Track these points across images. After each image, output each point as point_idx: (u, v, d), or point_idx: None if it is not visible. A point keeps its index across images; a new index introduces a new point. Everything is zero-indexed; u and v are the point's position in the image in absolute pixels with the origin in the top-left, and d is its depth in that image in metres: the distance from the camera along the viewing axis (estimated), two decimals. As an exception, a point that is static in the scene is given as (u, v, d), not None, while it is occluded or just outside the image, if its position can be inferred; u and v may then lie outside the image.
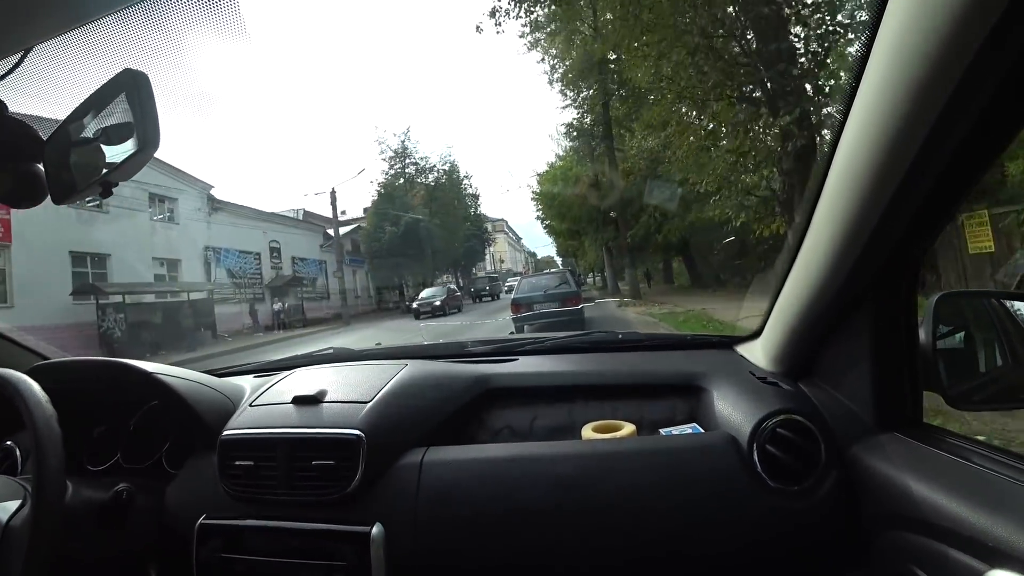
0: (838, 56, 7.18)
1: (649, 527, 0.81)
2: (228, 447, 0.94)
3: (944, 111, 0.50)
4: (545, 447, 0.91)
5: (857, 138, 0.61)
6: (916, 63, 0.49)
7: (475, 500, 0.84)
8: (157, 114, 0.58)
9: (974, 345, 0.89)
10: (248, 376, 1.28)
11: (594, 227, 19.89)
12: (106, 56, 0.63)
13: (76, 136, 0.67)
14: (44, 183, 0.69)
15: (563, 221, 22.91)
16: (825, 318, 0.84)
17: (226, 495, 0.92)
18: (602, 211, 17.56)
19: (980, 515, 0.57)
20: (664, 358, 1.22)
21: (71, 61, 0.64)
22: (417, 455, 0.89)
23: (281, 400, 1.00)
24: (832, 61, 7.33)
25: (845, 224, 0.68)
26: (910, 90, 0.51)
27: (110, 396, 1.15)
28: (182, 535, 0.93)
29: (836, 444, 0.82)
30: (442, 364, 1.17)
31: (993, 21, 0.43)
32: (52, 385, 0.84)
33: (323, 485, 0.87)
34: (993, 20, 0.43)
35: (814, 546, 0.80)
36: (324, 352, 1.45)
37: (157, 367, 1.05)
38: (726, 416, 0.92)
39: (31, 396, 0.78)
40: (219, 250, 17.77)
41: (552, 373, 1.14)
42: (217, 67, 15.09)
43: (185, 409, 1.02)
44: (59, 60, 0.63)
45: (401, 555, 0.82)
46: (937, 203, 0.63)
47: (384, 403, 0.95)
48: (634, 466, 0.84)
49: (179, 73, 0.62)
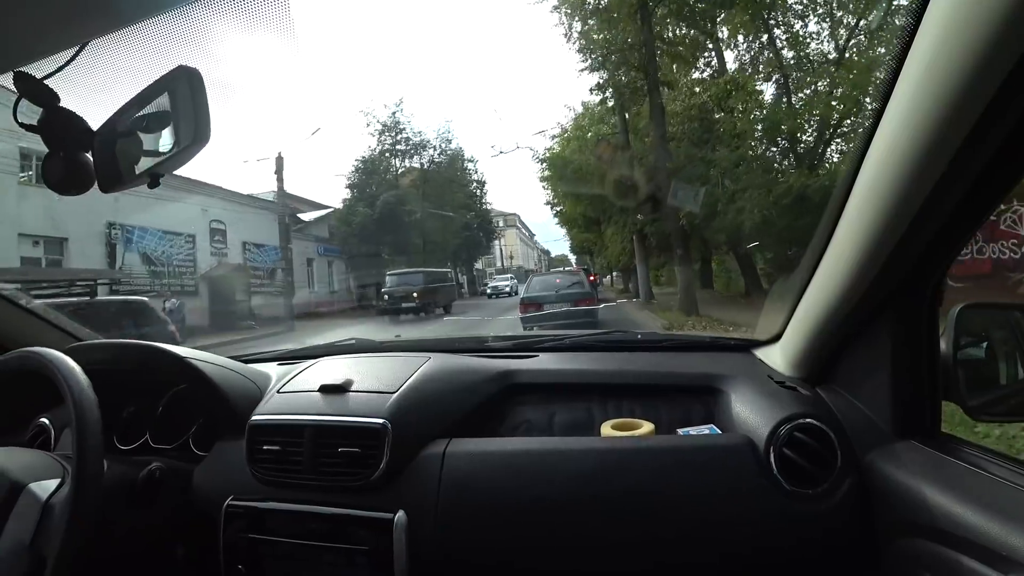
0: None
1: (664, 525, 0.82)
2: (257, 431, 0.97)
3: (978, 122, 0.50)
4: (565, 442, 0.93)
5: (887, 146, 0.61)
6: (950, 74, 0.49)
7: (495, 492, 0.86)
8: (208, 109, 0.60)
9: (995, 357, 0.89)
10: (272, 364, 1.31)
11: (621, 208, 14.48)
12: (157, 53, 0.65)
13: (125, 128, 0.69)
14: (92, 172, 0.71)
15: (579, 204, 18.04)
16: (846, 325, 0.84)
17: (253, 478, 0.95)
18: (636, 185, 12.55)
19: (996, 524, 0.58)
20: (683, 359, 1.23)
21: (124, 57, 0.66)
22: (440, 446, 0.92)
23: (308, 388, 1.03)
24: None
25: (871, 233, 0.68)
26: (943, 99, 0.51)
27: (139, 378, 1.19)
28: (209, 515, 0.96)
29: (853, 450, 0.83)
30: (464, 358, 1.19)
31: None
32: (86, 366, 0.87)
33: (348, 472, 0.89)
34: None
35: (828, 550, 0.81)
36: (347, 342, 1.48)
37: (189, 352, 1.09)
38: (744, 418, 0.93)
39: (72, 377, 0.81)
40: (131, 228, 13.59)
41: (572, 371, 1.16)
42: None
43: (214, 393, 1.05)
44: (113, 55, 0.65)
45: (422, 542, 0.85)
46: (965, 213, 0.63)
47: (409, 394, 0.97)
48: (652, 464, 0.85)
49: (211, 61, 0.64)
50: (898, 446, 0.80)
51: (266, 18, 0.59)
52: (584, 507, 0.83)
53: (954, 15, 0.47)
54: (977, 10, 0.45)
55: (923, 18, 0.50)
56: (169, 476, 0.98)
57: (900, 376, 0.81)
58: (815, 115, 8.01)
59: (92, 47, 0.65)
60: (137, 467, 0.95)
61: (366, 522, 0.86)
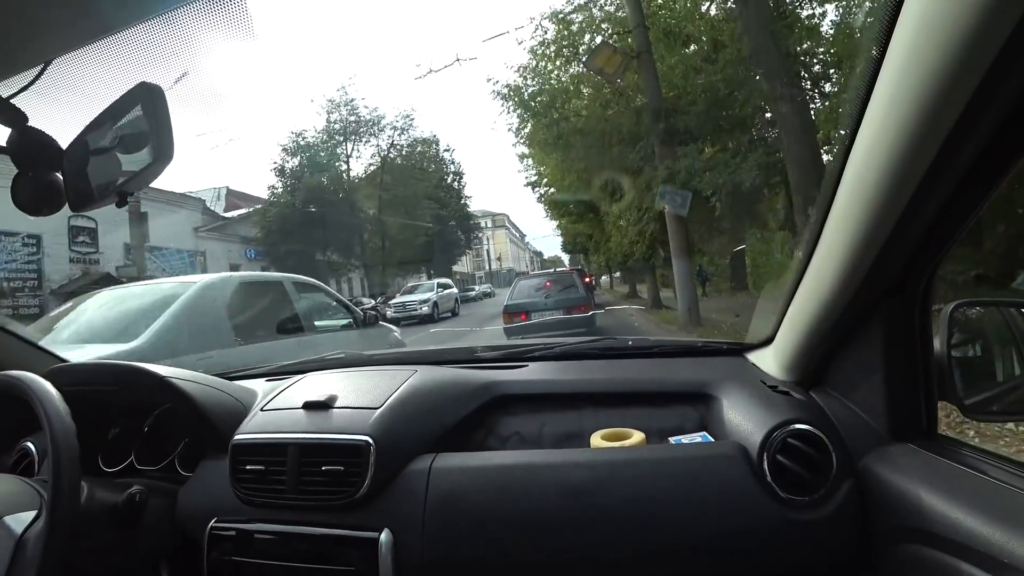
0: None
1: (658, 536, 0.80)
2: (239, 451, 0.95)
3: (962, 119, 0.49)
4: (554, 455, 0.91)
5: (872, 143, 0.60)
6: (932, 72, 0.48)
7: (483, 507, 0.84)
8: (171, 125, 0.59)
9: (991, 354, 0.87)
10: (260, 380, 1.30)
11: (641, 154, 9.24)
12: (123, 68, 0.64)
13: (94, 146, 0.68)
14: (62, 191, 0.70)
15: (568, 172, 12.68)
16: (838, 326, 0.83)
17: (237, 498, 0.93)
18: (663, 113, 8.21)
19: (995, 529, 0.56)
20: (674, 365, 1.22)
21: (89, 73, 0.65)
22: (426, 461, 0.90)
23: (292, 405, 1.01)
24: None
25: (859, 232, 0.67)
26: (927, 97, 0.50)
27: (124, 399, 1.17)
28: (194, 538, 0.94)
29: (848, 455, 0.81)
30: (451, 370, 1.17)
31: (1007, 32, 0.42)
32: (69, 387, 0.86)
33: (332, 490, 0.87)
34: (1007, 31, 0.42)
35: (824, 558, 0.79)
36: (335, 356, 1.46)
37: (170, 371, 1.07)
38: (736, 425, 0.91)
39: (49, 403, 0.80)
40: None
41: (562, 380, 1.14)
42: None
43: (197, 413, 1.03)
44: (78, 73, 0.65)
45: (409, 561, 0.83)
46: (955, 211, 0.62)
47: (393, 409, 0.96)
48: (643, 475, 0.83)
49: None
50: (894, 449, 0.78)
51: (228, 23, 0.58)
52: (574, 521, 0.81)
53: (932, 11, 0.46)
54: (955, 5, 0.44)
55: (899, 15, 0.50)
56: (152, 498, 0.96)
57: (894, 377, 0.80)
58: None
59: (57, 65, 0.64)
60: (120, 490, 0.93)
61: (351, 541, 0.84)
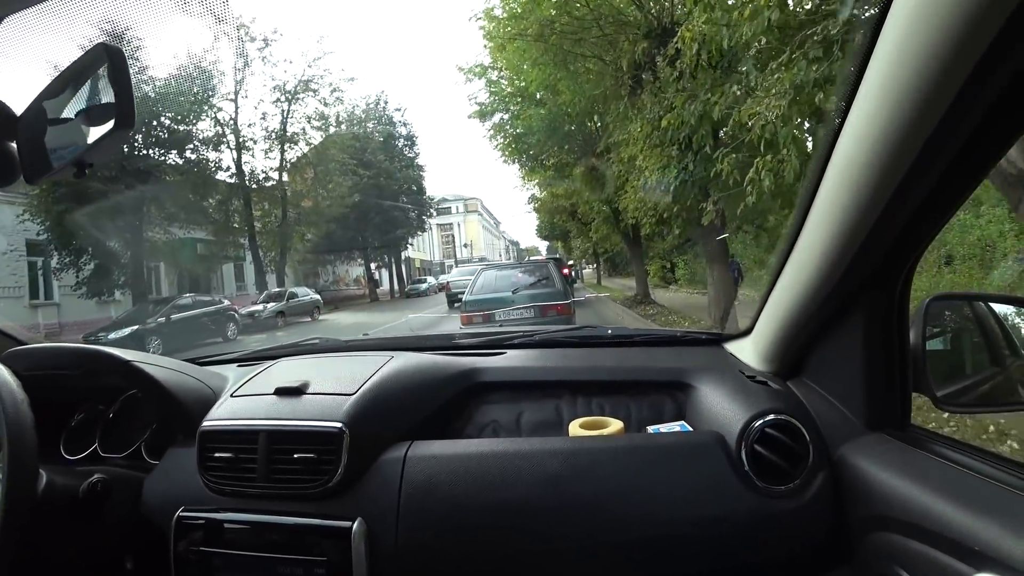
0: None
1: (635, 526, 0.80)
2: (208, 438, 0.91)
3: (948, 111, 0.49)
4: (532, 443, 0.90)
5: (857, 136, 0.60)
6: (920, 62, 0.48)
7: (459, 496, 0.82)
8: (132, 91, 0.55)
9: (962, 348, 0.89)
10: (231, 365, 1.26)
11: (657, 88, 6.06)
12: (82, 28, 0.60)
13: (50, 113, 0.64)
14: (17, 162, 0.66)
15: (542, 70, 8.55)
16: (817, 318, 0.83)
17: (205, 487, 0.90)
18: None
19: (966, 518, 0.57)
20: (653, 354, 1.22)
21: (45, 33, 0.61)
22: (401, 449, 0.88)
23: (263, 391, 0.98)
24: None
25: (841, 224, 0.67)
26: (913, 89, 0.50)
27: (88, 383, 1.12)
28: (160, 527, 0.91)
29: (824, 445, 0.82)
30: (429, 356, 1.15)
31: (1000, 22, 0.42)
32: (28, 371, 0.81)
33: (304, 479, 0.85)
34: (1000, 22, 0.42)
35: (800, 546, 0.80)
36: (311, 342, 1.42)
37: (135, 355, 1.03)
38: (715, 414, 0.91)
39: (5, 388, 0.76)
40: None
41: (540, 368, 1.13)
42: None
43: (165, 398, 0.99)
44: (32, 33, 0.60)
45: (383, 550, 0.81)
46: (935, 204, 0.62)
47: (368, 396, 0.93)
48: (621, 464, 0.83)
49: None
50: (869, 439, 0.79)
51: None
52: (551, 510, 0.80)
53: (918, 12, 0.46)
54: (940, 8, 0.44)
55: (889, 10, 0.50)
56: (115, 487, 0.92)
57: (870, 368, 0.80)
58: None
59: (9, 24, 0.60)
60: (81, 478, 0.90)
61: (323, 531, 0.82)
